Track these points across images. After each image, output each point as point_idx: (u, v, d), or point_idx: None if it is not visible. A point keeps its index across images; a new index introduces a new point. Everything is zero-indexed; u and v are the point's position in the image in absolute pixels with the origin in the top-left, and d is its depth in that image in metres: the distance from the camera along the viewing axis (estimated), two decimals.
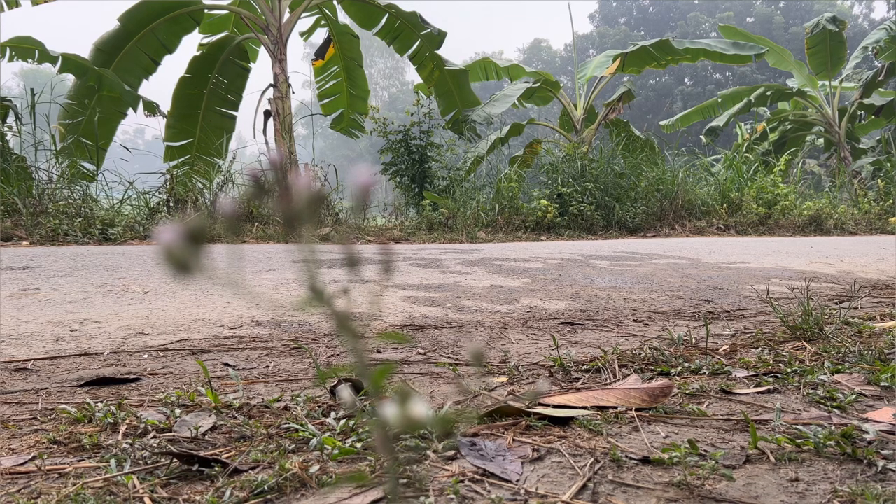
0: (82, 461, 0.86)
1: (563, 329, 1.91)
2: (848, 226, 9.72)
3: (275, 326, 1.85)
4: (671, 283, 3.00)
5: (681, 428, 1.01)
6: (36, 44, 8.08)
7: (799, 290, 2.66)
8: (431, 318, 2.04)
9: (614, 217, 8.70)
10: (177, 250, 0.34)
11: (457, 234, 7.34)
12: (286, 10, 9.05)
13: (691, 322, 2.03)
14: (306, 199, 0.36)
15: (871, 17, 50.99)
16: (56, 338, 1.63)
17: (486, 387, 1.25)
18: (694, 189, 9.55)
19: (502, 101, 10.81)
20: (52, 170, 6.35)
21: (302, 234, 0.36)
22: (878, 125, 15.15)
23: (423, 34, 9.35)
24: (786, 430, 0.98)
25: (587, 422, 1.02)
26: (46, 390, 1.21)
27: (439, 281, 2.88)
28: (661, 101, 41.78)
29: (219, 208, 0.37)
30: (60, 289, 2.39)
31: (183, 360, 1.46)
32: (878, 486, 0.78)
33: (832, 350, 1.50)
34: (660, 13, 52.33)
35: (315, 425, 0.98)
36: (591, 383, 1.28)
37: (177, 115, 9.32)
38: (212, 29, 9.82)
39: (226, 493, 0.76)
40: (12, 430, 0.99)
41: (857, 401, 1.13)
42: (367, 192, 0.39)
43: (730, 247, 5.68)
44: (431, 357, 1.53)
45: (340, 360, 1.49)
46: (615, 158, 9.42)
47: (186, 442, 0.94)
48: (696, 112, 14.42)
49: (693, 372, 1.35)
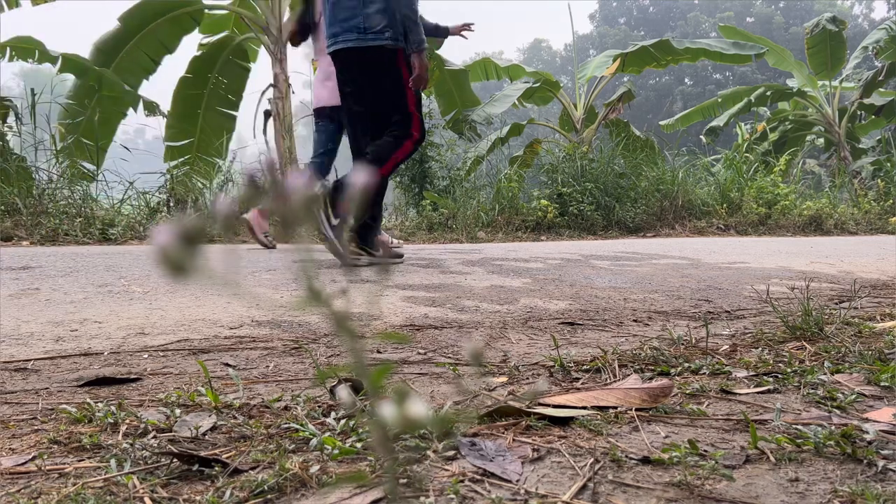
0: (82, 461, 0.86)
1: (563, 329, 1.91)
2: (848, 226, 9.72)
3: (275, 326, 1.85)
4: (671, 283, 2.99)
5: (681, 428, 1.01)
6: (36, 44, 8.08)
7: (799, 290, 2.66)
8: (431, 317, 2.04)
9: (614, 217, 8.70)
10: (172, 251, 0.34)
11: (457, 234, 7.34)
12: (286, 10, 9.05)
13: (691, 322, 2.03)
14: (304, 199, 0.36)
15: (871, 17, 50.98)
16: (56, 338, 1.63)
17: (486, 387, 1.25)
18: (694, 189, 9.55)
19: (502, 101, 10.81)
20: (52, 170, 6.35)
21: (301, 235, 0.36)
22: (878, 125, 15.14)
23: None
24: (786, 430, 0.98)
25: (587, 422, 1.02)
26: (46, 390, 1.21)
27: (439, 281, 2.88)
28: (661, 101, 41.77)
29: (217, 208, 0.37)
30: (60, 289, 2.39)
31: (183, 359, 1.46)
32: (878, 486, 0.78)
33: (832, 350, 1.50)
34: (660, 13, 52.31)
35: (315, 425, 0.98)
36: (591, 383, 1.28)
37: (177, 115, 9.32)
38: (212, 29, 9.81)
39: (226, 493, 0.76)
40: (12, 429, 0.99)
41: (857, 401, 1.13)
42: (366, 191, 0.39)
43: (730, 247, 5.68)
44: (431, 357, 1.53)
45: (340, 360, 1.49)
46: (615, 158, 9.41)
47: (186, 442, 0.94)
48: (696, 112, 14.41)
49: (693, 372, 1.35)
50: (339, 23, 3.05)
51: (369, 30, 2.98)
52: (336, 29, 3.09)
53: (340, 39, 3.07)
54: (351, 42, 3.03)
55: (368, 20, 2.96)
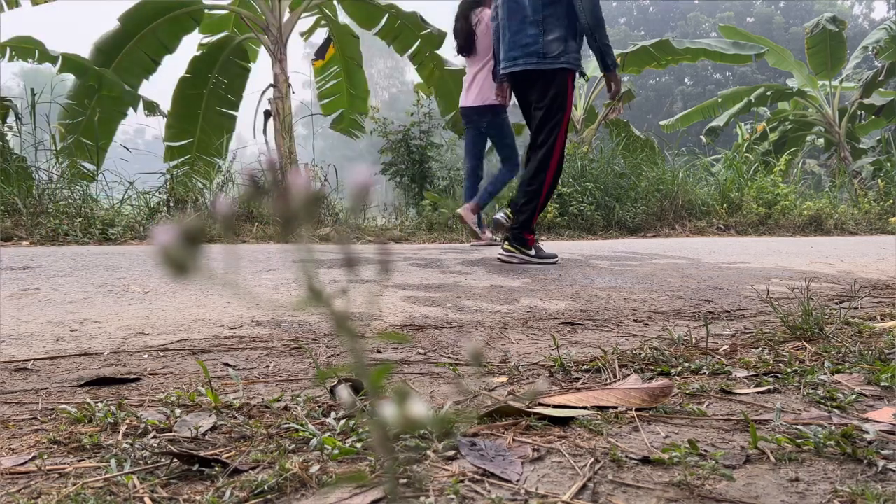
0: (82, 461, 0.86)
1: (563, 329, 1.91)
2: (848, 226, 9.72)
3: (275, 326, 1.85)
4: (671, 282, 2.99)
5: (681, 428, 1.01)
6: (36, 44, 8.07)
7: (799, 290, 2.66)
8: (431, 317, 2.04)
9: (614, 217, 8.70)
10: (173, 251, 0.34)
11: (457, 234, 7.34)
12: (286, 10, 9.05)
13: (691, 322, 2.03)
14: (305, 198, 0.36)
15: (871, 17, 50.99)
16: (56, 338, 1.63)
17: (486, 387, 1.25)
18: (694, 189, 9.55)
19: None
20: (52, 170, 6.34)
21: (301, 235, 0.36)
22: (878, 125, 15.15)
23: (423, 34, 9.34)
24: (786, 430, 0.98)
25: (587, 422, 1.02)
26: (46, 390, 1.21)
27: (439, 281, 2.88)
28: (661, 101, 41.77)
29: (217, 208, 0.37)
30: (60, 289, 2.39)
31: (183, 360, 1.46)
32: (878, 486, 0.78)
33: (832, 350, 1.50)
34: (660, 13, 52.32)
35: (315, 425, 0.98)
36: (591, 383, 1.28)
37: (177, 115, 9.32)
38: (212, 29, 9.81)
39: (226, 493, 0.76)
40: (12, 429, 0.99)
41: (858, 401, 1.13)
42: (365, 191, 0.39)
43: (730, 247, 5.68)
44: (431, 357, 1.53)
45: (340, 360, 1.49)
46: (615, 158, 9.41)
47: (186, 442, 0.94)
48: (696, 112, 14.42)
49: (693, 372, 1.35)
50: (521, 48, 3.69)
51: (548, 55, 3.62)
52: (517, 53, 3.71)
53: (521, 62, 3.70)
54: (531, 65, 3.67)
55: (548, 47, 3.61)
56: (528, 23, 3.65)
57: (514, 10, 3.71)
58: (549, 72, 3.66)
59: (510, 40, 3.73)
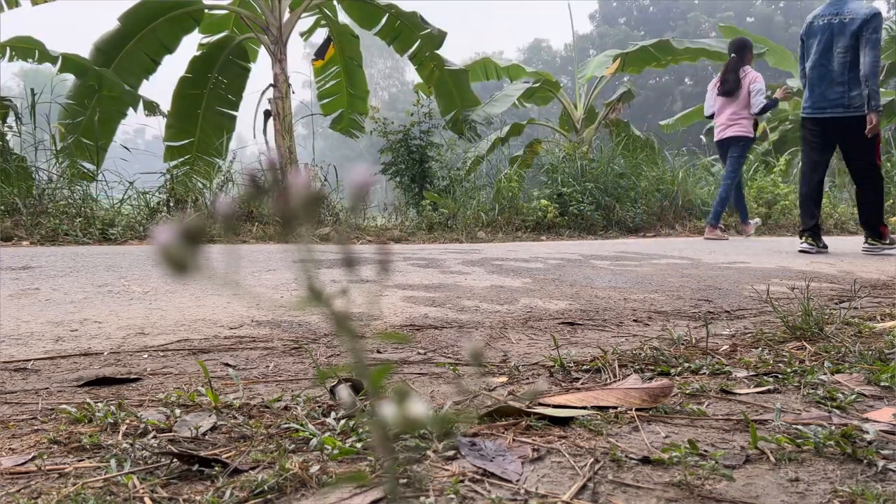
0: (82, 461, 0.86)
1: (563, 329, 1.91)
2: (848, 226, 9.72)
3: (275, 326, 1.85)
4: (671, 283, 3.00)
5: (681, 428, 1.01)
6: (36, 44, 8.07)
7: (799, 289, 2.66)
8: (431, 318, 2.04)
9: (614, 217, 8.70)
10: (173, 251, 0.34)
11: (457, 234, 7.34)
12: (286, 10, 9.05)
13: (691, 322, 2.03)
14: (304, 198, 0.36)
15: None
16: (56, 338, 1.63)
17: (486, 387, 1.25)
18: (694, 189, 9.55)
19: (502, 101, 10.81)
20: (52, 170, 6.35)
21: (301, 234, 0.36)
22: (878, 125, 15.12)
23: (423, 34, 9.34)
24: (786, 430, 0.98)
25: (587, 422, 1.02)
26: (46, 390, 1.21)
27: (439, 281, 2.88)
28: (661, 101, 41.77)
29: (217, 208, 0.37)
30: (60, 289, 2.39)
31: (183, 360, 1.46)
32: (878, 486, 0.78)
33: (832, 350, 1.50)
34: (660, 13, 52.30)
35: (315, 425, 0.98)
36: (591, 383, 1.28)
37: (177, 114, 9.31)
38: (212, 29, 9.81)
39: (226, 492, 0.76)
40: (12, 429, 0.99)
41: (857, 401, 1.13)
42: (365, 191, 0.39)
43: (730, 246, 5.68)
44: (431, 357, 1.53)
45: (340, 360, 1.49)
46: (615, 158, 9.41)
47: (186, 442, 0.94)
48: (696, 112, 14.37)
49: (693, 372, 1.35)
50: (829, 100, 4.87)
51: (851, 106, 4.79)
52: (824, 104, 4.89)
53: (829, 112, 4.88)
54: (838, 113, 4.84)
55: (851, 100, 4.78)
56: (836, 83, 4.84)
57: (823, 74, 4.89)
58: (853, 118, 4.79)
59: (819, 94, 4.90)
